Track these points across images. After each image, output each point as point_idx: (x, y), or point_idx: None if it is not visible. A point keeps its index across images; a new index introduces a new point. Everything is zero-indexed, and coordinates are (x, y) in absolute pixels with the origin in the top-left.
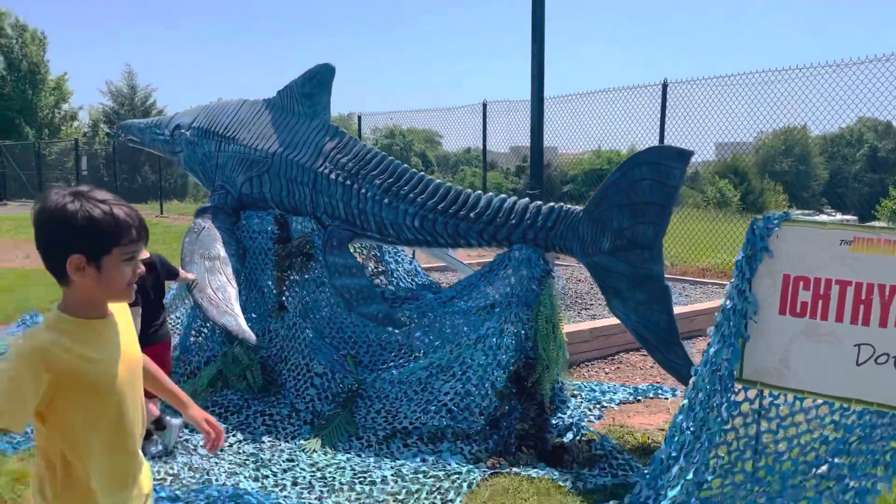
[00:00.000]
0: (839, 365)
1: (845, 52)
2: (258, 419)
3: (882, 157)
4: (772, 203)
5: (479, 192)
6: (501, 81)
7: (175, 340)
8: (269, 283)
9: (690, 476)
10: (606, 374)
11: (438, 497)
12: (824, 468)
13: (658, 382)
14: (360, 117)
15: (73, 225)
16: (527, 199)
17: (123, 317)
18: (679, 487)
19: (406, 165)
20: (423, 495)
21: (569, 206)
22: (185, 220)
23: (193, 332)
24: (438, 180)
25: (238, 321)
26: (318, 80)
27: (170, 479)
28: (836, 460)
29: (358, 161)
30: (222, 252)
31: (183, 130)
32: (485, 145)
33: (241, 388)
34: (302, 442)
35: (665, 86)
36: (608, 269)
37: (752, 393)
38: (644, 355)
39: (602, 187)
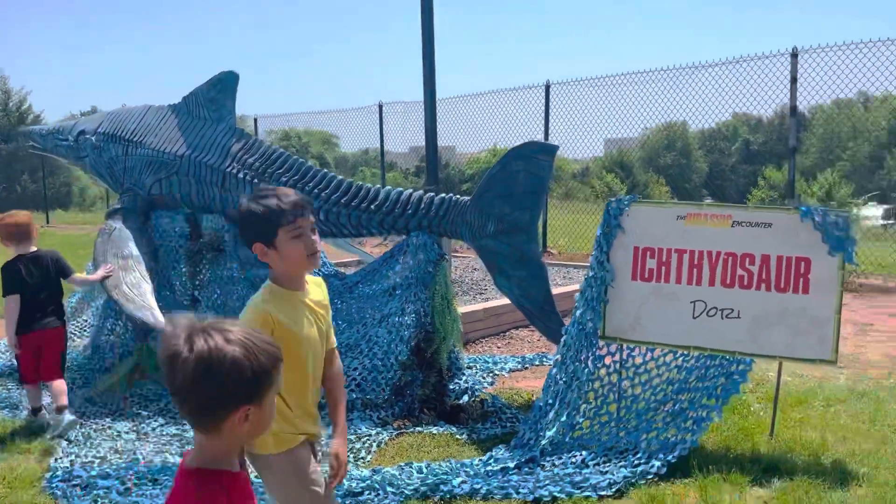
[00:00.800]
0: (680, 319)
1: (726, 51)
2: None
3: (755, 150)
4: (656, 195)
5: (378, 186)
6: (400, 83)
7: (86, 340)
8: (182, 278)
9: (564, 419)
10: (499, 348)
11: (351, 456)
12: (670, 404)
13: (543, 352)
14: (255, 119)
15: (243, 221)
16: (421, 191)
17: (319, 291)
18: (555, 429)
19: (310, 164)
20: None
21: (458, 196)
22: (74, 228)
23: (106, 331)
24: (341, 176)
25: (154, 314)
26: (223, 87)
27: (97, 461)
28: (679, 397)
29: (264, 160)
30: (135, 251)
31: (88, 136)
32: (382, 146)
33: (159, 378)
34: None
35: (548, 87)
36: (493, 250)
37: (612, 347)
38: (531, 331)
39: (484, 179)
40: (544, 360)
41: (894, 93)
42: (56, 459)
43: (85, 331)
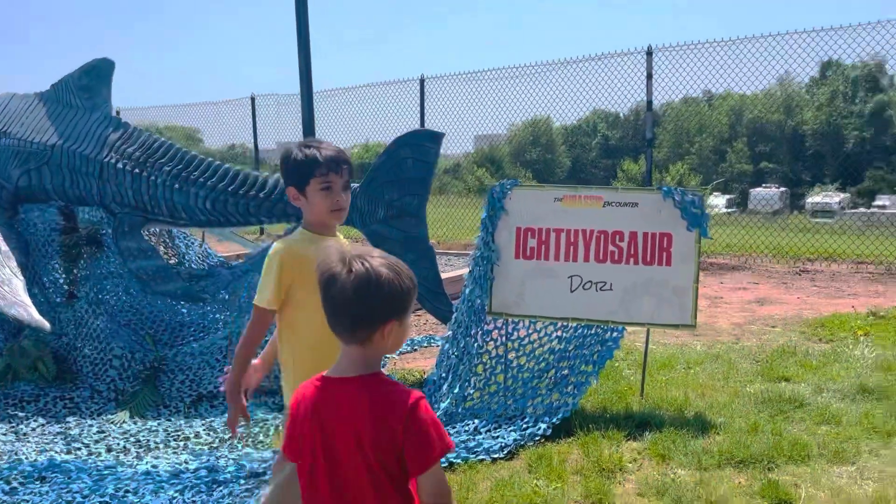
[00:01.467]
0: (559, 293)
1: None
2: (58, 403)
3: (613, 145)
4: None
5: (267, 174)
6: (268, 77)
7: None
8: (56, 273)
9: (457, 391)
10: None
11: (250, 440)
12: (553, 372)
13: (430, 334)
14: (118, 112)
15: (284, 164)
16: None
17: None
18: (448, 400)
19: (195, 152)
20: (236, 441)
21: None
22: None
23: None
24: (228, 165)
25: (29, 311)
26: (97, 74)
27: None
28: (561, 365)
29: (145, 150)
30: (3, 246)
31: None
32: (256, 140)
33: (34, 378)
34: (110, 416)
35: (422, 81)
36: (383, 235)
37: (499, 322)
38: (418, 315)
39: (373, 166)
40: (431, 341)
41: (734, 91)
42: None
43: None
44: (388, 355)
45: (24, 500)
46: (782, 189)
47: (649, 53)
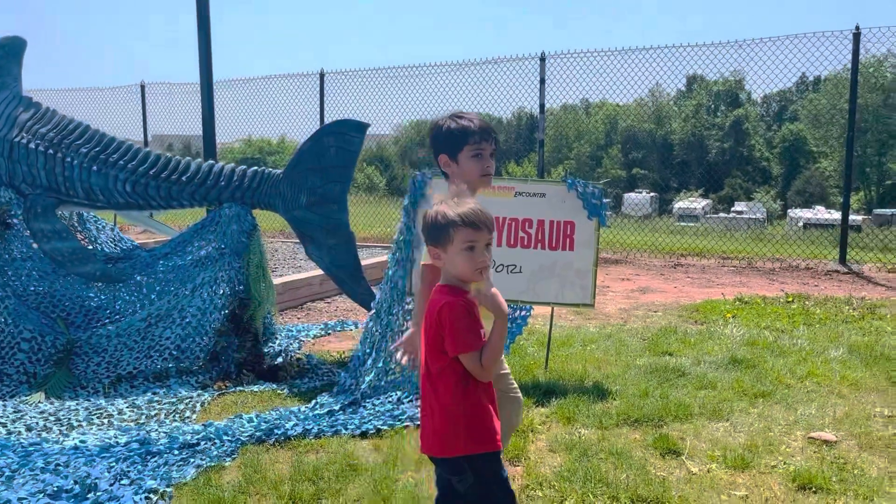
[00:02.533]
0: None
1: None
2: None
3: (496, 148)
4: None
5: (189, 158)
6: (158, 65)
7: None
8: None
9: (381, 365)
10: (298, 318)
11: (176, 416)
12: None
13: (343, 319)
14: None
15: (436, 134)
16: (233, 163)
17: None
18: (373, 374)
19: (113, 136)
20: (162, 416)
21: (271, 169)
22: None
23: None
24: (147, 149)
25: None
26: (6, 52)
27: None
28: None
29: (59, 131)
30: None
31: None
32: (146, 129)
33: None
34: (23, 398)
35: (322, 75)
36: (305, 220)
37: None
38: (327, 302)
39: (297, 153)
40: (345, 326)
41: (610, 100)
42: None
43: None
44: (306, 338)
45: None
46: (653, 194)
47: (542, 59)
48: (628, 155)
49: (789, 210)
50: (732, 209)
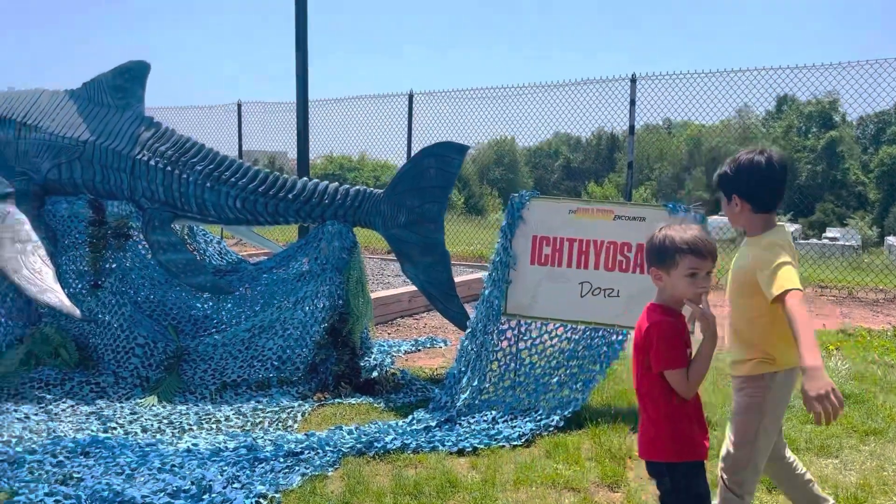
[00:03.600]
0: (570, 298)
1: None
2: (85, 388)
3: (575, 168)
4: (489, 206)
5: (295, 177)
6: (251, 84)
7: None
8: (81, 264)
9: (475, 383)
10: (389, 334)
11: (280, 425)
12: (563, 370)
13: (432, 336)
14: None
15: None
16: (337, 182)
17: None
18: (468, 392)
19: (225, 154)
20: (266, 425)
21: (372, 188)
22: None
23: None
24: (257, 167)
25: (60, 297)
26: (132, 75)
27: (14, 440)
28: (570, 363)
29: (177, 149)
30: (33, 235)
31: None
32: (241, 145)
33: (57, 364)
34: (138, 400)
35: (411, 96)
36: (403, 239)
37: (513, 322)
38: (416, 318)
39: (398, 174)
40: (435, 343)
41: (693, 121)
42: None
43: None
44: (398, 353)
45: (74, 471)
46: None
47: (633, 81)
48: (713, 177)
49: (887, 237)
50: (824, 235)
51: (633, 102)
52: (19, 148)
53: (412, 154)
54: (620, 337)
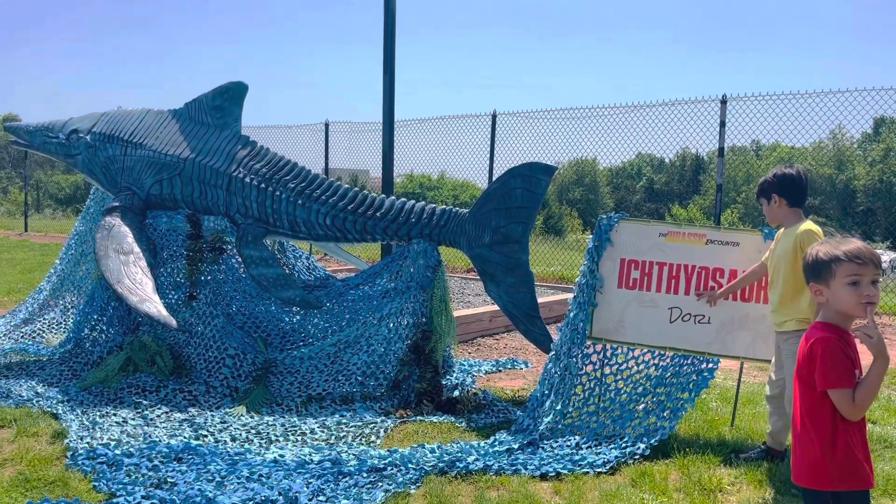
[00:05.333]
0: (658, 323)
1: (632, 97)
2: (178, 395)
3: (658, 189)
4: (569, 227)
5: (383, 195)
6: (340, 104)
7: (61, 336)
8: (178, 276)
9: (559, 407)
10: (469, 353)
11: (363, 440)
12: (650, 396)
13: (513, 357)
14: None
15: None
16: (423, 202)
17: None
18: (551, 416)
19: (317, 172)
20: (350, 439)
21: (458, 208)
22: None
23: (88, 327)
24: (346, 185)
25: (158, 308)
26: (231, 95)
27: (114, 443)
28: (657, 390)
29: (271, 167)
30: (135, 247)
31: (82, 135)
32: (327, 164)
33: (153, 371)
34: (228, 409)
35: (494, 116)
36: (487, 258)
37: (598, 346)
38: (496, 339)
39: (484, 194)
40: (515, 364)
41: (782, 142)
42: (71, 441)
43: (54, 327)
44: (478, 373)
45: (168, 476)
46: None
47: (723, 102)
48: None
49: None
50: None
51: (723, 124)
52: (125, 164)
53: (494, 173)
54: (711, 365)
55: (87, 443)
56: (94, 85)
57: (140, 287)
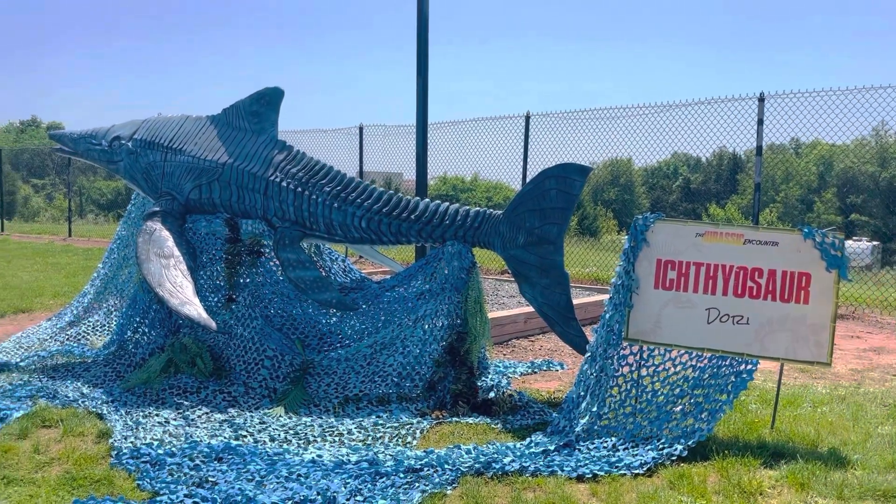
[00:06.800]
0: (695, 324)
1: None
2: (218, 396)
3: (694, 189)
4: (604, 227)
5: (417, 198)
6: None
7: (105, 338)
8: (217, 279)
9: (595, 409)
10: (504, 355)
11: (399, 440)
12: (687, 398)
13: (549, 358)
14: None
15: None
16: (457, 203)
17: None
18: (587, 417)
19: (352, 176)
20: (386, 440)
21: (491, 210)
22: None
23: (131, 330)
24: (381, 188)
25: (199, 310)
26: (267, 101)
27: (156, 443)
28: (695, 392)
29: (307, 171)
30: (176, 251)
31: (124, 141)
32: (362, 167)
33: (193, 372)
34: (267, 410)
35: (528, 118)
36: (521, 259)
37: (634, 348)
38: (531, 340)
39: (518, 195)
40: (551, 366)
41: (825, 139)
42: (115, 441)
43: (98, 329)
44: (513, 374)
45: (210, 475)
46: (874, 243)
47: (761, 100)
48: (845, 199)
49: None
50: None
51: (760, 122)
52: (165, 170)
53: (528, 175)
54: (750, 367)
55: (131, 442)
56: (125, 93)
57: (181, 290)
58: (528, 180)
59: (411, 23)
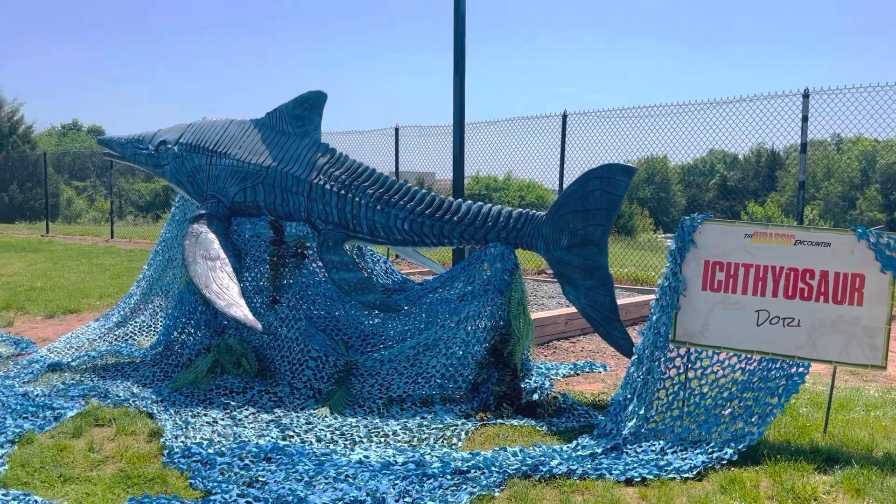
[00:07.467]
0: (744, 326)
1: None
2: (264, 397)
3: (731, 186)
4: (640, 226)
5: (460, 199)
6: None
7: (152, 339)
8: (262, 281)
9: (642, 412)
10: (545, 356)
11: (444, 442)
12: (736, 401)
13: (591, 360)
14: None
15: None
16: (500, 205)
17: None
18: (634, 420)
19: (394, 178)
20: (432, 441)
21: (534, 211)
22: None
23: (177, 330)
24: (423, 190)
25: (245, 312)
26: (310, 104)
27: (206, 442)
28: (744, 395)
29: (350, 174)
30: (222, 253)
31: (170, 146)
32: (397, 168)
33: (239, 373)
34: (312, 410)
35: (565, 116)
36: (565, 261)
37: (682, 350)
38: (573, 341)
39: (562, 196)
40: (593, 367)
41: (866, 135)
42: (167, 440)
43: (145, 330)
44: (556, 376)
45: (259, 475)
46: None
47: (806, 96)
48: (889, 196)
49: None
50: None
51: (805, 119)
52: (211, 173)
53: (564, 174)
54: (801, 370)
55: (182, 441)
56: (164, 96)
57: (227, 291)
58: (564, 179)
59: (448, 23)
